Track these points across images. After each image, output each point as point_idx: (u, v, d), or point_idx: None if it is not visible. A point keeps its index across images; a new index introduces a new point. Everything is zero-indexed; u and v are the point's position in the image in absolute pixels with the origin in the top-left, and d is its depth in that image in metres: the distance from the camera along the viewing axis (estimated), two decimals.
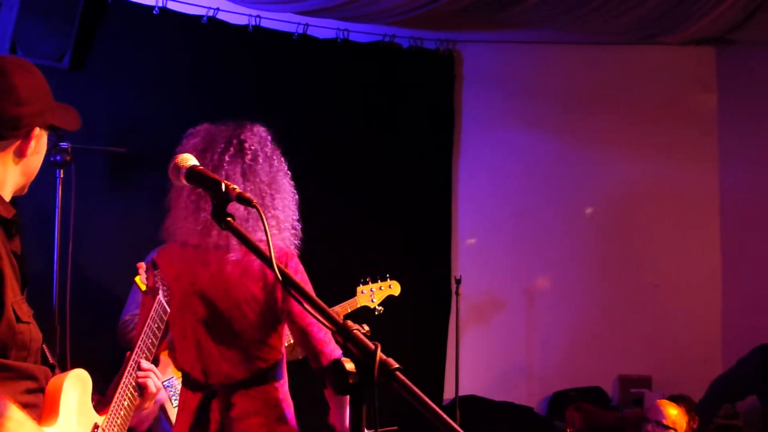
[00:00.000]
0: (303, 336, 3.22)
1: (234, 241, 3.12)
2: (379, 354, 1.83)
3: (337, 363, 1.83)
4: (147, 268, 2.98)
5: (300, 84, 7.02)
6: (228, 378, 3.23)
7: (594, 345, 7.71)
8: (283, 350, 3.33)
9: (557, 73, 7.88)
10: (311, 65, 7.13)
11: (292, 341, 3.99)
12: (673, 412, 5.47)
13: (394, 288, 4.70)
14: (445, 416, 1.77)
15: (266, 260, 2.06)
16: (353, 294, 4.64)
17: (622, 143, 7.87)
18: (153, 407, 2.71)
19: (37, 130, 2.35)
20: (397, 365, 1.83)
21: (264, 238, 2.06)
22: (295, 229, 3.31)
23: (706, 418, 6.50)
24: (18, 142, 2.33)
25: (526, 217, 7.84)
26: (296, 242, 3.31)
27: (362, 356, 1.84)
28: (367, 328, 4.12)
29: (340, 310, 4.66)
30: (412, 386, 1.79)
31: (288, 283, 2.03)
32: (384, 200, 7.32)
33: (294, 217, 3.32)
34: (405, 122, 7.50)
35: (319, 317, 1.95)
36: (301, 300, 2.00)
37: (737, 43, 7.55)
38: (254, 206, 2.15)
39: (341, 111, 7.18)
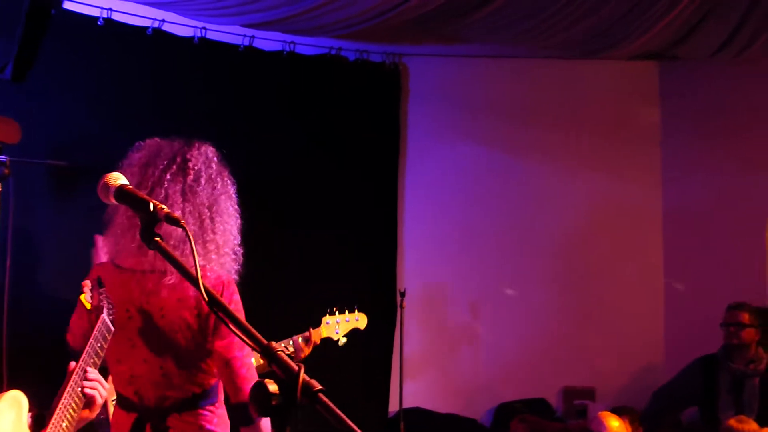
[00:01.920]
0: (226, 368, 3.14)
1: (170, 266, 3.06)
2: (303, 375, 1.78)
3: (260, 384, 1.78)
4: (92, 286, 2.93)
5: (246, 96, 7.00)
6: (161, 401, 3.18)
7: (539, 357, 7.75)
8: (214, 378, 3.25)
9: (503, 86, 7.93)
10: (257, 77, 7.11)
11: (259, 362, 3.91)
12: (614, 424, 5.45)
13: (361, 321, 4.64)
14: None
15: (194, 282, 2.00)
16: (317, 323, 4.54)
17: (567, 157, 7.93)
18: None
19: None
20: (320, 387, 1.79)
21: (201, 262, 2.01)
22: (236, 254, 3.23)
23: (651, 428, 6.50)
24: None
25: (471, 230, 7.87)
26: (237, 267, 3.24)
27: (286, 377, 1.80)
28: (291, 349, 4.05)
29: (302, 341, 4.56)
30: (335, 408, 1.76)
31: (214, 303, 1.98)
32: (330, 214, 7.30)
33: (235, 242, 3.25)
34: (351, 135, 7.51)
35: (244, 338, 1.91)
36: (227, 321, 1.95)
37: (679, 59, 7.61)
38: (182, 227, 2.11)
39: (287, 123, 7.17)
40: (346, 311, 4.69)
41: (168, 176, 3.15)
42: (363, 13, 6.52)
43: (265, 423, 3.13)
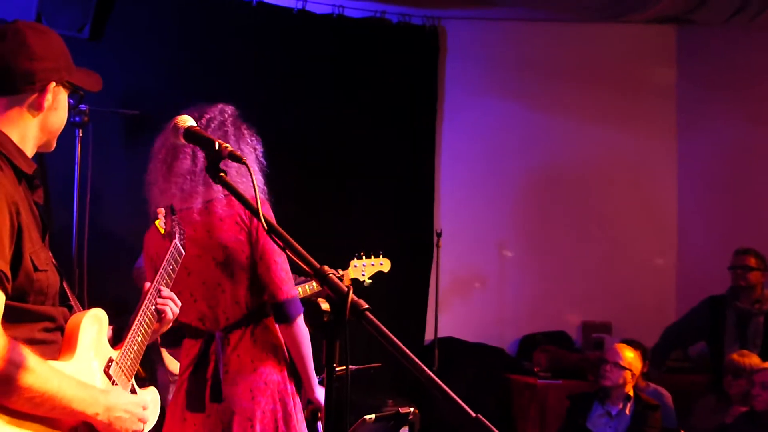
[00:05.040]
0: (266, 273, 3.20)
1: (211, 195, 3.16)
2: (351, 295, 1.83)
3: (314, 303, 1.84)
4: (166, 212, 2.92)
5: (297, 56, 7.00)
6: (223, 322, 3.23)
7: (560, 294, 7.78)
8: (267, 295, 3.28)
9: (531, 47, 7.87)
10: (308, 39, 7.09)
11: (309, 290, 3.99)
12: (629, 355, 5.52)
13: (385, 265, 4.65)
14: (408, 352, 1.78)
15: (253, 210, 2.04)
16: (345, 265, 4.58)
17: (589, 112, 7.89)
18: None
19: (52, 84, 2.31)
20: (366, 306, 1.83)
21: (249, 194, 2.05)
22: (264, 193, 3.26)
23: (659, 361, 6.55)
24: (33, 96, 2.29)
25: (500, 178, 7.86)
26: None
27: (336, 297, 1.84)
28: (342, 272, 4.04)
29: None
30: (380, 325, 1.80)
31: (272, 230, 2.02)
32: (375, 164, 7.33)
33: (261, 184, 3.26)
34: (394, 91, 7.51)
35: (299, 261, 1.95)
36: (283, 245, 1.99)
37: (695, 23, 7.52)
38: (244, 163, 2.14)
39: (335, 81, 7.18)
40: (372, 256, 4.67)
41: (214, 128, 3.23)
42: None
43: (301, 323, 3.22)
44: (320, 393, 3.30)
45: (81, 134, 5.15)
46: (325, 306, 1.84)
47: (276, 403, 3.19)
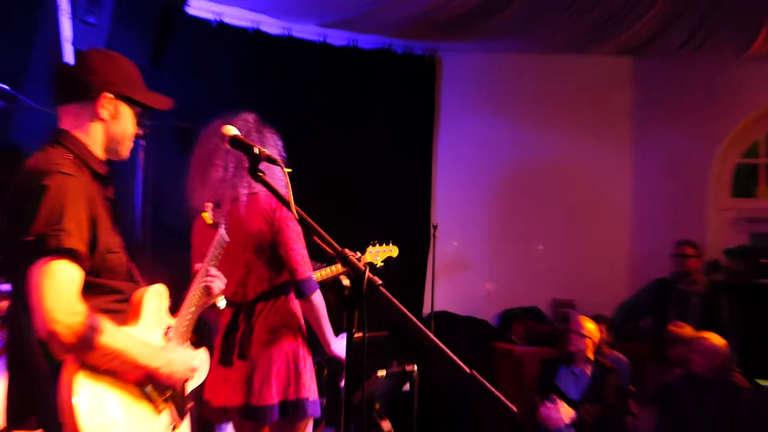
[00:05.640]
0: (286, 257, 3.21)
1: (239, 192, 3.18)
2: (368, 273, 1.85)
3: (337, 280, 1.84)
4: (212, 206, 2.93)
5: (319, 79, 7.00)
6: (251, 296, 3.26)
7: (534, 276, 7.75)
8: (287, 275, 3.29)
9: (512, 74, 7.83)
10: (329, 65, 7.12)
11: (325, 274, 3.99)
12: (590, 326, 5.54)
13: (394, 251, 4.66)
14: (414, 319, 1.78)
15: (285, 203, 2.05)
16: (363, 251, 4.59)
17: (560, 126, 7.83)
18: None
19: (107, 95, 2.30)
20: (380, 282, 1.85)
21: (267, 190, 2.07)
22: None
23: (617, 331, 6.54)
24: (91, 104, 2.30)
25: (486, 181, 7.84)
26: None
27: (355, 275, 1.85)
28: (360, 256, 4.04)
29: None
30: (391, 297, 1.81)
31: (302, 219, 2.03)
32: (382, 168, 7.33)
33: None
34: (398, 109, 7.49)
35: (324, 246, 1.95)
36: (311, 231, 2.01)
37: (648, 54, 7.50)
38: (279, 164, 2.13)
39: (349, 100, 7.16)
40: (384, 244, 4.67)
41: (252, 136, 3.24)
42: (410, 15, 6.52)
43: (316, 298, 3.23)
44: (336, 347, 3.31)
45: (144, 142, 5.17)
46: (345, 282, 1.85)
47: (289, 363, 3.21)
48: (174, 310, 2.49)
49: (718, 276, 6.83)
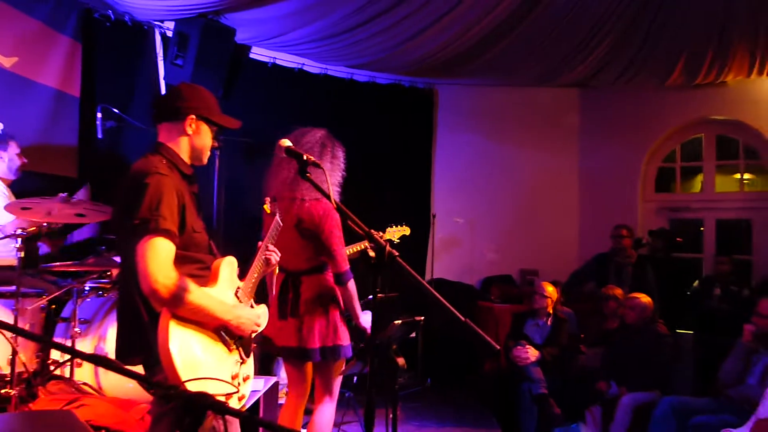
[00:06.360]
0: (330, 252, 3.15)
1: (303, 194, 3.08)
2: (387, 247, 1.84)
3: (365, 251, 1.82)
4: (270, 201, 2.91)
5: (347, 106, 6.96)
6: (297, 267, 3.21)
7: (507, 251, 7.71)
8: (325, 257, 3.21)
9: (490, 101, 7.76)
10: (354, 97, 7.09)
11: (351, 252, 3.94)
12: (550, 289, 5.49)
13: (407, 230, 4.61)
14: (423, 281, 1.77)
15: (327, 195, 2.02)
16: (383, 231, 4.57)
17: (526, 141, 7.80)
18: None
19: (192, 116, 2.29)
20: (397, 253, 1.84)
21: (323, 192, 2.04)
22: (338, 191, 3.18)
23: (569, 293, 6.50)
24: (180, 123, 2.28)
25: (472, 180, 7.78)
26: (338, 197, 3.17)
27: (378, 248, 1.84)
28: (381, 234, 3.99)
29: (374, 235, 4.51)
30: (405, 264, 1.81)
31: (340, 209, 2.01)
32: (394, 172, 7.29)
33: (338, 183, 3.19)
34: (406, 128, 7.46)
35: (355, 227, 1.95)
36: (347, 217, 1.99)
37: (591, 86, 7.42)
38: (320, 167, 2.13)
39: (371, 122, 7.12)
40: (399, 225, 4.66)
41: (307, 145, 3.14)
42: (413, 60, 6.51)
43: (351, 284, 3.16)
44: (363, 320, 3.26)
45: (218, 153, 5.17)
46: (371, 254, 1.84)
47: (328, 321, 3.17)
48: (242, 275, 2.47)
49: (645, 251, 6.78)
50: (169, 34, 5.66)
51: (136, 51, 5.69)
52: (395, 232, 4.50)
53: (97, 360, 1.31)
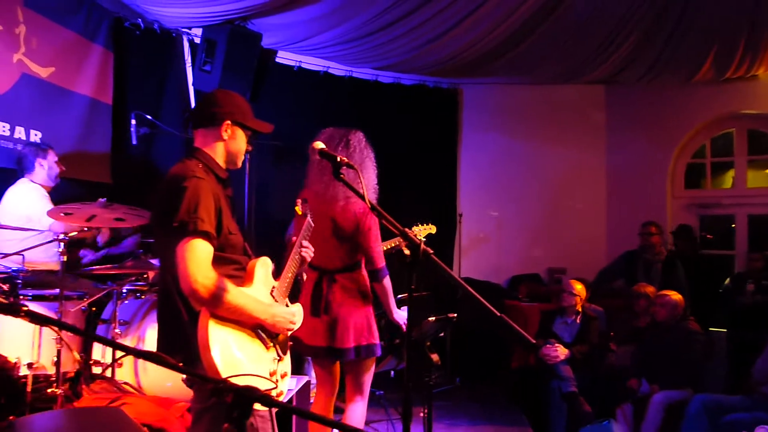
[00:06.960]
0: (367, 250, 3.16)
1: (338, 194, 3.09)
2: (422, 245, 1.84)
3: (400, 251, 1.84)
4: (302, 202, 2.90)
5: (372, 108, 6.97)
6: (331, 265, 3.22)
7: (535, 250, 7.67)
8: (360, 256, 3.22)
9: (514, 100, 7.74)
10: (379, 98, 7.11)
11: (385, 248, 3.95)
12: (578, 287, 5.46)
13: (432, 229, 4.63)
14: (458, 278, 1.78)
15: (361, 196, 2.04)
16: (411, 228, 4.59)
17: (551, 141, 7.74)
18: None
19: (227, 122, 2.32)
20: (431, 251, 1.84)
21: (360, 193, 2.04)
22: (375, 191, 3.21)
23: (597, 290, 6.46)
24: (216, 129, 2.32)
25: (498, 179, 7.76)
26: (375, 197, 3.21)
27: (413, 246, 1.85)
28: (416, 230, 3.99)
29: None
30: (440, 261, 1.80)
31: (375, 209, 2.03)
32: (422, 172, 7.30)
33: (374, 184, 3.22)
34: (432, 128, 7.48)
35: (391, 227, 1.95)
36: (381, 216, 2.00)
37: (617, 83, 7.35)
38: (354, 168, 2.13)
39: (393, 124, 7.12)
40: (426, 224, 4.69)
41: (340, 147, 3.14)
42: (438, 60, 6.51)
43: (386, 281, 3.16)
44: (397, 316, 3.26)
45: (249, 156, 5.22)
46: (406, 251, 1.85)
47: (363, 318, 3.19)
48: (277, 274, 2.48)
49: (674, 247, 6.70)
50: (197, 40, 5.75)
51: (165, 58, 5.78)
52: (421, 231, 4.51)
53: (159, 359, 1.34)
